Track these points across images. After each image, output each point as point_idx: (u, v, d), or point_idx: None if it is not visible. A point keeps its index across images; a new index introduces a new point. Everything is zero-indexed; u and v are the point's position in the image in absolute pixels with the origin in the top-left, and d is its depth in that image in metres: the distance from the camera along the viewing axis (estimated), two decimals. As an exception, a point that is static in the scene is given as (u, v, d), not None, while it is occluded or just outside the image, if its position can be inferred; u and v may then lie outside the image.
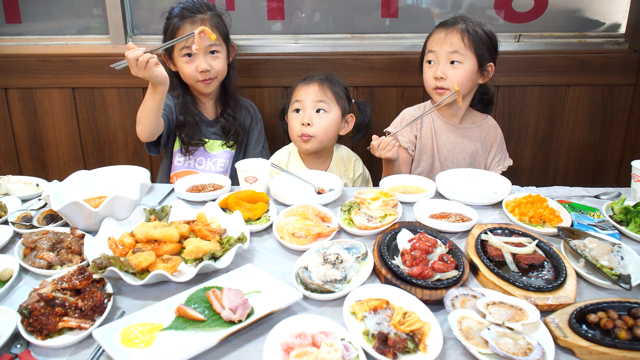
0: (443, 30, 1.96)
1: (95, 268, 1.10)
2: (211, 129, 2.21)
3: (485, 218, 1.51)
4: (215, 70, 2.07)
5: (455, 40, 1.92)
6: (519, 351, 0.89)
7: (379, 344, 0.92)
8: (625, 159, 2.55)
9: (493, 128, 2.13)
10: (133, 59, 1.68)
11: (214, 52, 2.06)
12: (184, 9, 2.04)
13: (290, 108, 2.05)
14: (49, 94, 2.48)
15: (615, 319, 0.98)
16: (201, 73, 2.03)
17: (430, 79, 1.98)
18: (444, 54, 1.93)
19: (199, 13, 2.03)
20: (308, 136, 1.99)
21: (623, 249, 1.23)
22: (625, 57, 2.42)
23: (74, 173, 1.56)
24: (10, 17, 2.51)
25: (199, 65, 2.02)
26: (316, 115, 1.99)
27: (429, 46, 2.00)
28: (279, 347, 0.91)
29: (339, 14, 2.49)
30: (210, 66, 2.05)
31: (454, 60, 1.93)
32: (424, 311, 1.01)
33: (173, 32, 2.03)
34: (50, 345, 0.94)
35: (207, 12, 2.05)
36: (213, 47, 2.05)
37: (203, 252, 1.19)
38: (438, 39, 1.95)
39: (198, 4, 2.06)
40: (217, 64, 2.07)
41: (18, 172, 2.58)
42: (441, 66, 1.94)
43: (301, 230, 1.34)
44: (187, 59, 2.04)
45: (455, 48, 1.91)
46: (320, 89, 2.00)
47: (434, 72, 1.96)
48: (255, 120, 2.30)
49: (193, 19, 2.01)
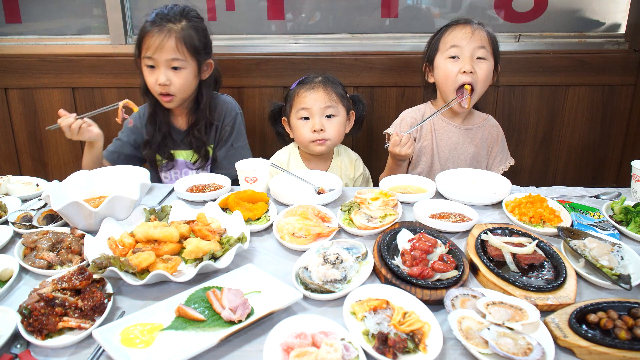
0: (468, 26, 1.92)
1: (95, 268, 1.10)
2: (180, 140, 2.10)
3: (485, 218, 1.51)
4: (175, 86, 1.91)
5: (483, 36, 1.91)
6: (519, 351, 0.89)
7: (379, 344, 0.92)
8: (625, 159, 2.55)
9: (494, 128, 2.12)
10: (66, 126, 1.75)
11: (177, 68, 1.90)
12: (157, 15, 1.91)
13: (295, 115, 2.00)
14: (49, 94, 2.48)
15: (615, 319, 0.98)
16: (160, 86, 1.90)
17: (456, 74, 1.90)
18: (470, 49, 1.89)
19: (170, 22, 1.88)
20: (323, 140, 1.97)
21: (623, 249, 1.23)
22: (625, 57, 2.42)
23: (74, 173, 1.56)
24: (10, 17, 2.52)
25: (158, 77, 1.89)
26: (326, 120, 1.98)
27: (452, 41, 1.92)
28: (279, 347, 0.91)
29: (339, 14, 2.49)
30: (170, 81, 1.89)
31: (480, 57, 1.91)
32: (424, 311, 1.01)
33: (140, 39, 1.91)
34: (50, 345, 0.94)
35: (181, 22, 1.90)
36: (175, 63, 1.89)
37: (203, 252, 1.19)
38: (465, 33, 1.91)
39: (174, 11, 1.91)
40: (178, 80, 1.91)
41: (18, 172, 2.58)
42: (468, 59, 1.89)
43: (301, 230, 1.34)
44: (149, 69, 1.92)
45: (482, 43, 1.90)
46: (326, 93, 1.96)
47: (460, 66, 1.89)
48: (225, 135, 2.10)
49: (161, 28, 1.87)
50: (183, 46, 1.88)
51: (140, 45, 1.92)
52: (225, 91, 2.41)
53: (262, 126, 2.51)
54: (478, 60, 1.91)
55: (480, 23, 1.96)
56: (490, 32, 1.95)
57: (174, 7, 1.93)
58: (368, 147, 2.54)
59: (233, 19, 2.49)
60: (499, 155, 2.12)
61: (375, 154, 2.53)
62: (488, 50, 1.92)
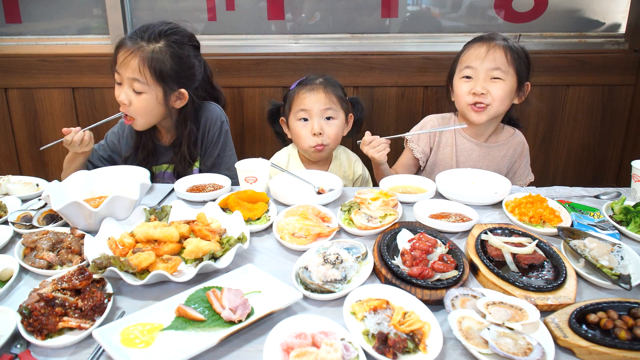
0: (484, 45, 1.86)
1: (95, 268, 1.10)
2: (165, 154, 2.03)
3: (485, 218, 1.51)
4: (134, 108, 1.79)
5: (498, 56, 1.84)
6: (519, 351, 0.89)
7: (379, 344, 0.92)
8: (625, 159, 2.55)
9: (520, 145, 2.05)
10: (78, 140, 1.78)
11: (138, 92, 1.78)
12: (139, 29, 1.80)
13: (294, 116, 1.99)
14: (49, 94, 2.48)
15: (615, 319, 0.98)
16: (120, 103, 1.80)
17: (467, 94, 1.88)
18: (484, 70, 1.85)
19: (144, 40, 1.77)
20: (322, 146, 1.96)
21: (623, 249, 1.23)
22: (625, 57, 2.42)
23: (74, 173, 1.56)
24: (10, 17, 2.52)
25: (118, 94, 1.79)
26: (325, 123, 1.97)
27: (466, 62, 1.89)
28: (279, 347, 0.91)
29: (339, 14, 2.49)
30: (129, 101, 1.78)
31: (495, 77, 1.85)
32: (424, 311, 1.01)
33: (115, 50, 1.83)
34: (50, 345, 0.94)
35: (158, 42, 1.78)
36: (135, 85, 1.76)
37: (203, 252, 1.19)
38: (478, 54, 1.86)
39: (155, 30, 1.79)
40: (137, 102, 1.79)
41: (18, 172, 2.59)
42: (481, 82, 1.85)
43: (301, 230, 1.34)
44: (116, 84, 1.83)
45: (497, 65, 1.83)
46: (326, 95, 1.95)
47: (471, 87, 1.86)
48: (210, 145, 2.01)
49: (134, 43, 1.76)
50: (146, 69, 1.76)
51: (114, 57, 1.84)
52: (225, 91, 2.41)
53: (262, 126, 2.51)
54: (493, 80, 1.85)
55: (505, 39, 1.88)
56: (512, 48, 1.85)
57: (161, 24, 1.82)
58: (368, 147, 2.54)
59: (233, 19, 2.49)
60: (520, 171, 2.08)
61: (375, 154, 2.53)
62: (507, 70, 1.84)
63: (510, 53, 1.85)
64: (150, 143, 2.00)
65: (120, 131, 2.06)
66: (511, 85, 1.87)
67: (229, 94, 2.47)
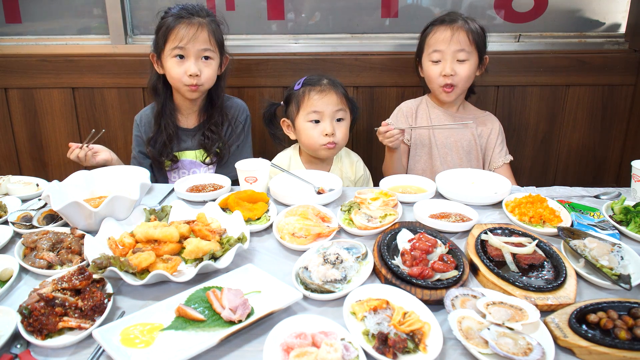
0: (447, 29, 2.00)
1: (95, 268, 1.10)
2: (188, 139, 2.12)
3: (485, 218, 1.51)
4: (204, 76, 1.98)
5: (462, 38, 1.98)
6: (519, 351, 0.89)
7: (379, 344, 0.92)
8: (625, 159, 2.55)
9: (491, 122, 2.19)
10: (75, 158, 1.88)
11: (207, 58, 1.98)
12: (182, 9, 1.97)
13: (304, 117, 1.97)
14: (49, 94, 2.48)
15: (615, 319, 0.98)
16: (190, 77, 1.95)
17: (438, 77, 2.04)
18: (450, 53, 1.99)
19: (197, 16, 1.96)
20: (333, 144, 1.97)
21: (623, 249, 1.23)
22: (625, 57, 2.42)
23: (74, 173, 1.56)
24: (10, 17, 2.52)
25: (188, 68, 1.94)
26: (337, 124, 1.97)
27: (433, 45, 2.03)
28: (279, 347, 0.91)
29: (339, 14, 2.49)
30: (200, 71, 1.96)
31: (460, 59, 2.00)
32: (424, 311, 1.01)
33: (167, 31, 1.94)
34: (50, 345, 0.94)
35: (206, 17, 1.98)
36: (207, 52, 1.97)
37: (203, 252, 1.19)
38: (444, 38, 2.00)
39: (198, 7, 2.00)
40: (208, 70, 1.99)
41: (18, 172, 2.58)
42: (449, 64, 2.00)
43: (301, 230, 1.34)
44: (177, 60, 1.95)
45: (462, 46, 1.99)
46: (337, 96, 1.96)
47: (441, 70, 2.02)
48: (235, 133, 2.15)
49: (190, 20, 1.94)
50: (212, 38, 1.98)
51: (166, 37, 1.94)
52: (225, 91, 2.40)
53: (262, 126, 2.50)
54: (459, 62, 2.01)
55: (465, 19, 2.02)
56: (472, 29, 2.00)
57: (195, 5, 2.01)
58: (368, 147, 2.54)
59: (233, 19, 2.49)
60: (498, 148, 2.16)
61: (375, 154, 2.53)
62: (469, 50, 2.00)
63: (471, 34, 2.00)
64: (170, 125, 2.08)
65: (138, 124, 2.13)
66: (474, 63, 2.04)
67: (229, 94, 2.47)
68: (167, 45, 1.95)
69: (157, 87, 2.06)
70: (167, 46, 1.95)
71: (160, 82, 2.06)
